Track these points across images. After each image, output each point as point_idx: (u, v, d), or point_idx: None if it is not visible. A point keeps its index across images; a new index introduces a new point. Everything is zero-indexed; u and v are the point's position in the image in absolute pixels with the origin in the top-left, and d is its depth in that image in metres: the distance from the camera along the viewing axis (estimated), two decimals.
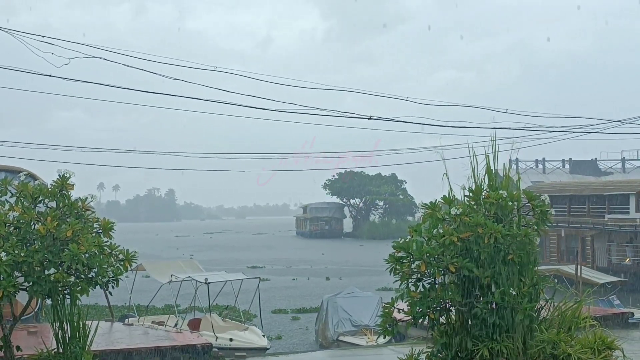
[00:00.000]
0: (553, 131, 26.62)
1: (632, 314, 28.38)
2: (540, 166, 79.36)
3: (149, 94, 18.56)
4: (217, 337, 23.93)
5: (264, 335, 25.31)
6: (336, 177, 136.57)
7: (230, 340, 24.20)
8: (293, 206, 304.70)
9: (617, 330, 23.50)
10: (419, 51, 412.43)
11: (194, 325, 26.18)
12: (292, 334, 32.66)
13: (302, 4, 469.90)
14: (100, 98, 23.58)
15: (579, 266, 29.68)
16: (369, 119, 20.52)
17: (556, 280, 21.07)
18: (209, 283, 26.50)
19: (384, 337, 13.15)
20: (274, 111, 19.39)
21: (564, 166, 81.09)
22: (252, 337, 24.85)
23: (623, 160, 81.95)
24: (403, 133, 24.38)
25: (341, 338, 25.01)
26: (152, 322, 26.82)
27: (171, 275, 27.13)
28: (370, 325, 24.76)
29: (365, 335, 24.46)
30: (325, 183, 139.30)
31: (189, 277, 27.24)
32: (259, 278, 29.03)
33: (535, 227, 11.44)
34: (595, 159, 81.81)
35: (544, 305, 11.63)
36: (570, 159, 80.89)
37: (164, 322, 26.48)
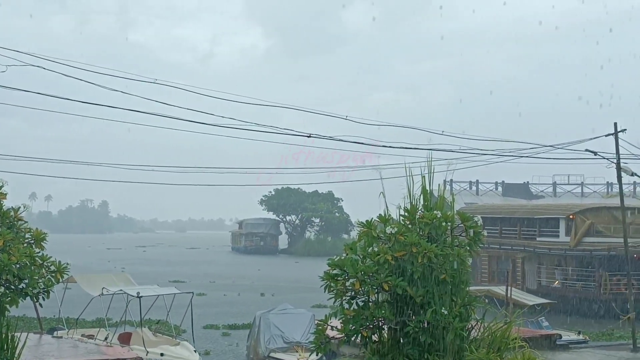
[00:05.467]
0: (487, 154, 27.13)
1: (560, 336, 28.98)
2: (474, 188, 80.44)
3: (89, 105, 18.34)
4: (147, 352, 23.63)
5: (195, 351, 25.08)
6: (273, 193, 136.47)
7: (161, 355, 23.92)
8: (228, 221, 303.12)
9: (545, 352, 24.00)
10: (358, 72, 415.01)
11: (125, 339, 25.82)
12: (223, 349, 32.46)
13: (244, 21, 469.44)
14: (39, 107, 23.13)
15: (509, 287, 30.12)
16: (308, 136, 20.63)
17: (487, 301, 21.41)
18: (141, 297, 26.20)
19: (316, 354, 13.16)
20: (213, 125, 19.35)
21: (496, 188, 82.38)
22: (184, 352, 24.61)
23: (554, 185, 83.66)
24: (342, 152, 24.53)
25: (272, 354, 24.92)
26: (82, 335, 26.41)
27: (102, 288, 26.77)
28: (302, 342, 24.73)
29: (297, 352, 24.42)
30: (261, 199, 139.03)
31: (121, 290, 26.92)
32: (192, 293, 28.81)
33: (468, 248, 11.63)
34: (527, 182, 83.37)
35: (475, 325, 11.82)
36: (503, 181, 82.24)
37: (93, 336, 26.09)
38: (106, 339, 24.95)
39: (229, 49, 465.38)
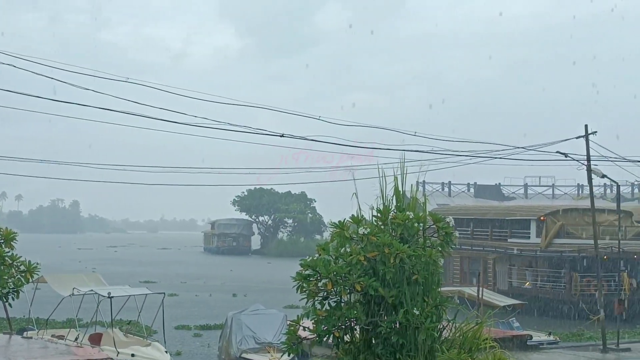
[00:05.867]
0: (460, 155, 27.26)
1: (531, 337, 29.19)
2: (446, 189, 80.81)
3: (60, 103, 18.17)
4: (118, 352, 23.49)
5: (166, 351, 24.95)
6: (245, 193, 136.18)
7: (132, 355, 23.78)
8: (201, 222, 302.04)
9: (516, 352, 24.18)
10: (332, 73, 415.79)
11: (95, 339, 25.64)
12: (195, 350, 32.33)
13: (217, 22, 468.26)
14: (9, 106, 22.88)
15: (480, 288, 30.28)
16: (281, 136, 20.62)
17: (458, 302, 21.52)
18: (112, 297, 26.04)
19: (288, 355, 13.16)
20: (186, 125, 19.27)
21: (469, 190, 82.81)
22: (155, 352, 24.47)
23: (525, 186, 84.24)
24: (315, 152, 24.53)
25: (244, 355, 24.86)
26: (52, 335, 26.19)
27: (73, 289, 26.57)
28: (274, 342, 24.70)
29: (269, 353, 24.38)
30: (234, 199, 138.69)
31: (92, 290, 26.73)
32: (164, 293, 28.67)
33: (440, 249, 11.68)
34: (499, 183, 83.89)
35: (446, 325, 11.86)
36: (475, 183, 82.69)
37: (64, 336, 25.87)
38: (77, 339, 24.76)
39: (203, 49, 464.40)
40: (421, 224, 11.56)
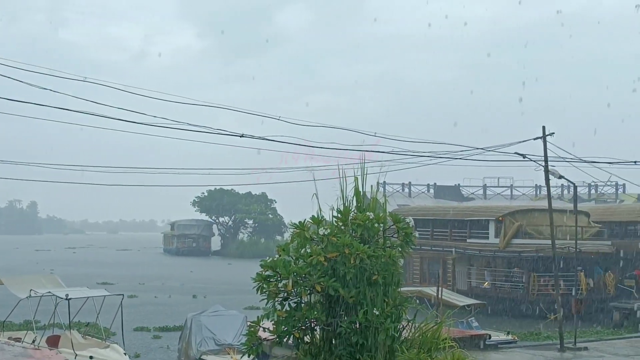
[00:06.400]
0: (420, 156, 27.41)
1: (490, 336, 29.42)
2: (407, 190, 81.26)
3: (16, 103, 17.91)
4: (76, 355, 23.25)
5: (125, 353, 24.74)
6: (205, 194, 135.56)
7: (90, 357, 23.53)
8: (160, 222, 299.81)
9: (475, 352, 24.37)
10: (294, 74, 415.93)
11: (53, 342, 25.35)
12: (154, 352, 32.11)
13: (178, 22, 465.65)
14: None
15: (440, 288, 30.46)
16: (241, 136, 20.56)
17: (418, 302, 21.62)
18: (70, 299, 25.76)
19: (248, 356, 13.11)
20: (146, 125, 19.13)
21: (428, 190, 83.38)
22: (113, 354, 24.24)
23: (484, 187, 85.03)
24: (276, 152, 24.53)
25: (203, 357, 24.73)
26: (9, 338, 25.84)
27: (30, 290, 26.22)
28: (234, 344, 24.61)
29: (229, 354, 24.29)
30: (194, 200, 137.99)
31: (49, 292, 26.40)
32: (122, 295, 28.42)
33: (400, 249, 11.73)
34: (459, 184, 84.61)
35: (406, 325, 11.92)
36: (435, 183, 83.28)
37: (21, 338, 25.53)
38: (34, 341, 24.44)
39: (163, 49, 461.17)
40: (381, 225, 11.60)
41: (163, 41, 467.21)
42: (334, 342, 11.17)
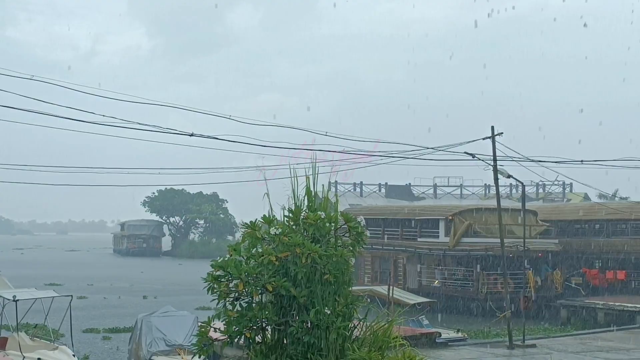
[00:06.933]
0: (371, 155, 27.50)
1: (440, 334, 29.68)
2: (358, 189, 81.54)
3: None
4: (24, 357, 22.92)
5: (74, 355, 24.46)
6: (156, 194, 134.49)
7: (39, 359, 23.24)
8: (110, 223, 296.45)
9: (425, 350, 24.56)
10: (244, 73, 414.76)
11: (0, 344, 24.96)
12: (103, 353, 31.80)
13: (127, 21, 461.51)
14: None
15: (391, 287, 30.64)
16: (190, 135, 20.43)
17: (369, 301, 21.71)
18: (17, 300, 25.39)
19: (199, 357, 13.03)
20: (94, 124, 18.89)
21: (380, 190, 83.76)
22: (62, 356, 23.95)
23: (435, 186, 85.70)
24: (227, 152, 24.45)
25: (154, 358, 24.55)
26: None
27: None
28: (184, 344, 24.47)
29: (179, 355, 24.15)
30: (144, 200, 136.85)
31: None
32: (71, 296, 28.10)
33: (351, 248, 11.76)
34: (409, 184, 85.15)
35: (357, 324, 11.95)
36: (386, 183, 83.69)
37: None
38: None
39: (113, 48, 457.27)
40: (333, 224, 11.61)
41: (113, 40, 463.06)
42: (285, 342, 11.15)
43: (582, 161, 30.42)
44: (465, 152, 28.55)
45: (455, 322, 38.93)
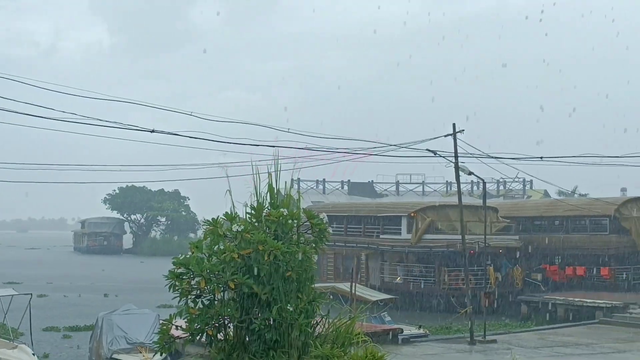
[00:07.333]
0: (334, 152, 27.53)
1: (402, 330, 29.83)
2: (321, 187, 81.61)
3: None
4: None
5: (34, 354, 24.16)
6: (117, 191, 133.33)
7: None
8: (71, 220, 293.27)
9: (388, 346, 24.62)
10: (207, 71, 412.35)
11: None
12: (64, 352, 31.50)
13: (88, 17, 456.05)
14: None
15: (353, 284, 30.69)
16: (151, 132, 20.29)
17: (332, 297, 21.76)
18: None
19: (160, 355, 12.97)
20: (54, 120, 18.68)
21: (342, 187, 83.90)
22: (21, 355, 23.66)
23: (397, 184, 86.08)
24: (189, 149, 24.37)
25: (115, 356, 24.37)
26: None
27: None
28: (146, 342, 24.32)
29: (141, 353, 24.00)
30: (105, 197, 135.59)
31: None
32: (31, 294, 27.77)
33: (314, 245, 11.76)
34: (372, 181, 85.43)
35: (320, 321, 11.96)
36: (349, 180, 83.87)
37: None
38: None
39: (74, 45, 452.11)
40: (295, 221, 11.61)
41: (73, 37, 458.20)
42: (247, 339, 11.14)
43: (541, 157, 30.67)
44: (427, 149, 28.72)
45: (417, 318, 39.11)
